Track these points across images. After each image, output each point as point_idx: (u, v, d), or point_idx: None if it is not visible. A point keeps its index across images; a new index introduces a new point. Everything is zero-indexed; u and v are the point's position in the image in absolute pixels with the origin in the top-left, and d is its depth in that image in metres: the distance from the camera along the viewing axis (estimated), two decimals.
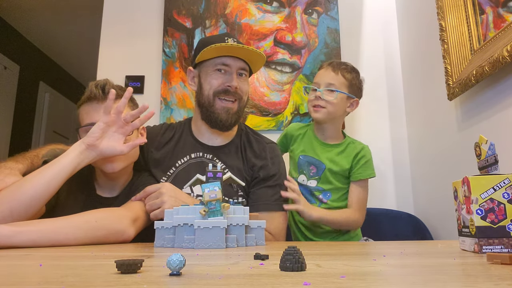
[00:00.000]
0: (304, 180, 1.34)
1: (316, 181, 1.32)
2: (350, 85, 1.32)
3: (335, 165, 1.31)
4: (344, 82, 1.31)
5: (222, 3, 1.95)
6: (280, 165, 1.22)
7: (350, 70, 1.34)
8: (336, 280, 0.36)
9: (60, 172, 0.92)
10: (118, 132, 0.99)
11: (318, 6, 1.93)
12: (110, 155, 0.98)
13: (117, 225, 0.90)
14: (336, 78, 1.31)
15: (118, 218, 0.92)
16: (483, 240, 0.56)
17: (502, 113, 1.11)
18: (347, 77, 1.32)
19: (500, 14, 1.12)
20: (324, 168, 1.32)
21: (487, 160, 0.62)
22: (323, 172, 1.32)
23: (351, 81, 1.32)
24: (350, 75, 1.32)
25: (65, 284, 0.34)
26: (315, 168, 1.33)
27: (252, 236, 0.81)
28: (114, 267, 0.40)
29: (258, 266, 0.46)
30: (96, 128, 0.96)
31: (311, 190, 1.32)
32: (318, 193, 1.32)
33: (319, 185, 1.32)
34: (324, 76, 1.32)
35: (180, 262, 0.38)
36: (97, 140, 0.96)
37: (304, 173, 1.34)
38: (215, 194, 0.74)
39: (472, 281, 0.36)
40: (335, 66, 1.34)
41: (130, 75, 1.89)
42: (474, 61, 1.22)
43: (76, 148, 0.96)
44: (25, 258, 0.57)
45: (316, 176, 1.32)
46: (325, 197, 1.31)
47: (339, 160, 1.33)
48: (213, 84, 1.15)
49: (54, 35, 3.54)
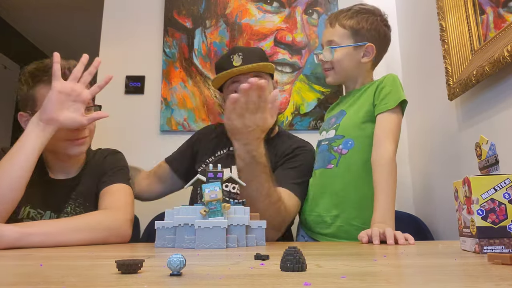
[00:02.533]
0: (323, 135, 1.19)
1: (334, 130, 1.16)
2: (354, 32, 1.16)
3: (355, 108, 1.14)
4: (345, 32, 1.16)
5: (222, 3, 1.95)
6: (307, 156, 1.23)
7: (352, 14, 1.17)
8: (336, 280, 0.36)
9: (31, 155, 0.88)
10: (77, 101, 0.92)
11: (319, 6, 1.92)
12: (70, 127, 0.93)
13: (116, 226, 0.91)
14: (334, 32, 1.17)
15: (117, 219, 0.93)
16: (484, 240, 0.56)
17: (503, 113, 1.11)
18: (347, 24, 1.16)
19: (500, 14, 1.12)
20: (345, 114, 1.16)
21: (487, 160, 0.62)
22: (342, 118, 1.15)
23: (354, 27, 1.15)
24: (351, 21, 1.16)
25: (66, 284, 0.34)
26: (335, 118, 1.20)
27: (253, 236, 0.81)
28: (115, 267, 0.40)
29: (259, 266, 0.46)
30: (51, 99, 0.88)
31: (330, 142, 1.16)
32: (336, 144, 1.14)
33: (338, 134, 1.14)
34: (324, 35, 1.20)
35: (180, 262, 0.38)
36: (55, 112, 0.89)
37: (325, 128, 1.21)
38: (216, 194, 0.74)
39: (472, 281, 0.36)
40: (332, 19, 1.19)
41: (130, 75, 1.89)
42: (474, 61, 1.22)
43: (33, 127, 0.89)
44: (25, 258, 0.57)
45: (335, 125, 1.17)
46: (345, 146, 1.12)
47: (360, 101, 1.15)
48: None
49: (54, 35, 3.54)
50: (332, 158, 1.14)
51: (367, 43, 1.17)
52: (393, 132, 1.08)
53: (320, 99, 1.83)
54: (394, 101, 1.09)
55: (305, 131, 1.80)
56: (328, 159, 1.15)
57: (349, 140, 1.12)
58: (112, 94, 1.90)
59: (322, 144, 1.20)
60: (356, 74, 1.20)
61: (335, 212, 1.12)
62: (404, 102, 1.11)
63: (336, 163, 1.13)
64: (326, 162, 1.15)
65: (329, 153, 1.15)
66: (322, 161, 1.18)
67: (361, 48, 1.18)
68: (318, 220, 1.15)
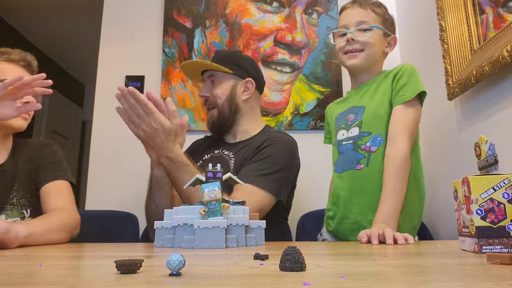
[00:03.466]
0: (344, 134, 1.11)
1: (358, 127, 1.09)
2: (383, 21, 1.14)
3: (376, 101, 1.08)
4: (377, 18, 1.13)
5: (222, 3, 1.95)
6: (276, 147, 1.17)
7: (379, 4, 1.16)
8: (336, 280, 0.36)
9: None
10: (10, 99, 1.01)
11: (318, 6, 1.92)
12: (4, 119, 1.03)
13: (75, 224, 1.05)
14: (367, 14, 1.13)
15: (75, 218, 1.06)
16: (483, 240, 0.56)
17: (502, 113, 1.11)
18: (378, 12, 1.14)
19: (500, 14, 1.12)
20: (364, 108, 1.10)
21: (487, 160, 0.62)
22: (363, 114, 1.09)
23: (384, 16, 1.14)
24: (380, 10, 1.15)
25: (65, 284, 0.34)
26: (353, 115, 1.12)
27: (252, 236, 0.81)
28: (114, 267, 0.40)
29: (258, 266, 0.46)
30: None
31: (355, 141, 1.09)
32: (363, 142, 1.07)
33: (364, 130, 1.07)
34: (352, 16, 1.13)
35: (179, 262, 0.38)
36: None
37: (343, 127, 1.13)
38: (215, 194, 0.74)
39: (472, 281, 0.36)
40: (362, 2, 1.15)
41: (130, 75, 1.89)
42: (474, 61, 1.22)
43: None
44: (25, 258, 0.57)
45: (356, 121, 1.09)
46: (374, 143, 1.05)
47: (379, 93, 1.09)
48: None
49: (54, 35, 3.54)
50: (361, 157, 1.07)
51: (392, 34, 1.17)
52: (408, 126, 1.03)
53: (319, 99, 1.83)
54: (413, 92, 1.04)
55: (304, 131, 1.80)
56: (356, 159, 1.08)
57: (378, 136, 1.06)
58: (112, 94, 1.90)
59: (343, 143, 1.12)
60: (376, 63, 1.17)
61: (372, 215, 0.98)
62: (423, 94, 1.07)
63: (366, 162, 1.06)
64: (355, 163, 1.08)
65: (356, 152, 1.08)
66: (348, 162, 1.10)
67: (386, 37, 1.16)
68: (354, 227, 1.07)
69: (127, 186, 1.74)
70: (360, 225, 1.06)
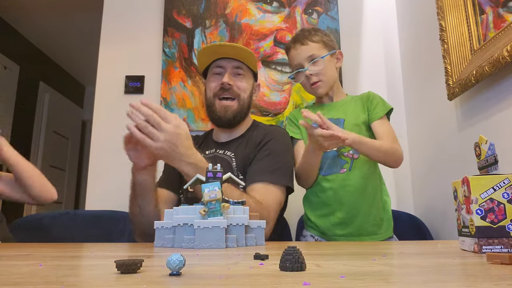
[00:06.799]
0: None
1: None
2: (325, 45, 1.28)
3: (353, 113, 1.25)
4: (318, 45, 1.27)
5: (222, 3, 1.95)
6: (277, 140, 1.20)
7: (313, 33, 1.30)
8: (335, 280, 0.36)
9: None
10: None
11: (318, 6, 1.93)
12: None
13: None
14: (310, 48, 1.26)
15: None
16: (483, 240, 0.56)
17: (502, 113, 1.11)
18: (316, 39, 1.28)
19: (500, 14, 1.12)
20: (343, 120, 1.25)
21: (487, 160, 0.62)
22: (343, 124, 1.24)
23: (322, 40, 1.28)
24: (317, 37, 1.28)
25: (65, 284, 0.34)
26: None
27: (252, 236, 0.81)
28: (114, 267, 0.40)
29: (258, 266, 0.46)
30: None
31: (339, 149, 1.22)
32: (346, 150, 1.22)
33: None
34: (299, 54, 1.27)
35: (180, 262, 0.38)
36: None
37: None
38: (215, 194, 0.74)
39: (471, 281, 0.36)
40: (301, 40, 1.28)
41: (130, 75, 1.89)
42: (474, 61, 1.22)
43: None
44: (25, 258, 0.57)
45: None
46: (356, 151, 1.20)
47: (354, 108, 1.27)
48: (211, 86, 1.24)
49: (54, 35, 3.54)
50: (344, 163, 1.23)
51: (336, 50, 1.32)
52: (393, 134, 1.23)
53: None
54: (386, 108, 1.26)
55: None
56: (339, 164, 1.23)
57: None
58: (112, 94, 1.90)
59: (328, 151, 1.21)
60: (335, 79, 1.33)
61: (354, 212, 1.20)
62: (391, 110, 1.28)
63: (349, 167, 1.23)
64: (339, 167, 1.23)
65: (340, 158, 1.23)
66: (333, 167, 1.23)
67: (334, 55, 1.31)
68: (337, 222, 1.22)
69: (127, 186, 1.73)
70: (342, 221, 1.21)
